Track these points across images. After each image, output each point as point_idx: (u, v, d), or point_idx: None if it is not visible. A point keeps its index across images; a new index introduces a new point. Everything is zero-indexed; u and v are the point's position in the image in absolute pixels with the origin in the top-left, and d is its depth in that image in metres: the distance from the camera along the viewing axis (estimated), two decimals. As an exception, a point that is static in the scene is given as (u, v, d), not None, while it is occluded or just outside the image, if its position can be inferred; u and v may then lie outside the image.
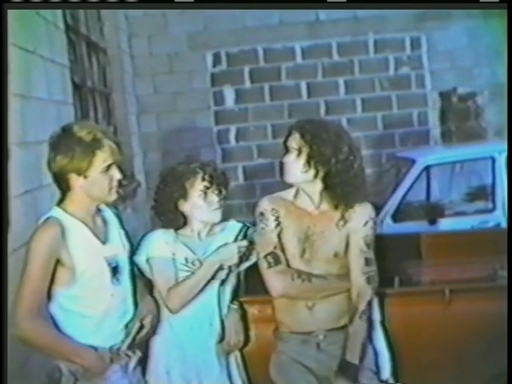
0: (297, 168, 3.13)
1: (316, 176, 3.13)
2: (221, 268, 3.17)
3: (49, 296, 2.85)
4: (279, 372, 3.26)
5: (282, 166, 3.21)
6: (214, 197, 3.21)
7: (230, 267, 3.20)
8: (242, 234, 3.23)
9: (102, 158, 2.82)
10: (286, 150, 3.17)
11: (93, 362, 2.84)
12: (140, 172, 8.57)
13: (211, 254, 3.18)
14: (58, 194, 2.94)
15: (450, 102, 8.99)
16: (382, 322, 3.34)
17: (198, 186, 3.20)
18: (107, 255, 2.90)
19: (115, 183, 2.89)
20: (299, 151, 3.11)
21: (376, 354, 3.29)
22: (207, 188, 3.19)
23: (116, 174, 2.88)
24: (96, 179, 2.83)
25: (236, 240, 3.22)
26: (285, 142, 3.18)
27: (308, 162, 3.10)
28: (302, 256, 3.21)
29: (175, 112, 8.97)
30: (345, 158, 3.10)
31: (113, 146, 2.85)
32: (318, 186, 3.17)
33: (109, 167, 2.85)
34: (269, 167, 8.60)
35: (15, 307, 2.76)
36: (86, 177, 2.82)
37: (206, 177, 3.19)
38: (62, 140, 2.83)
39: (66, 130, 2.86)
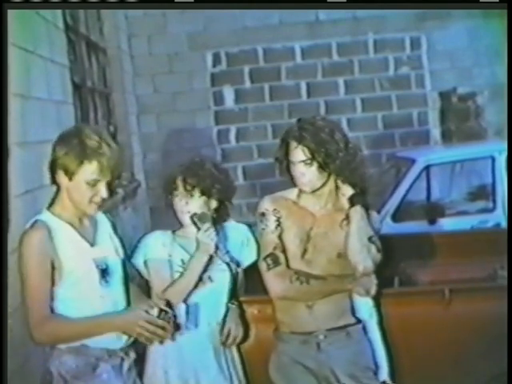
0: (310, 176, 3.13)
1: (329, 176, 3.15)
2: (211, 259, 3.16)
3: None
4: (279, 372, 3.27)
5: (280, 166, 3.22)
6: (186, 201, 3.20)
7: (217, 247, 3.14)
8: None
9: (88, 169, 2.76)
10: (288, 161, 3.16)
11: (123, 324, 2.84)
12: (140, 172, 8.57)
13: (195, 250, 3.16)
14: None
15: (450, 102, 8.99)
16: (380, 323, 3.34)
17: (178, 189, 3.21)
18: (95, 257, 2.86)
19: (99, 199, 2.82)
20: (307, 162, 3.11)
21: (374, 354, 3.30)
22: (187, 191, 3.19)
23: (102, 192, 2.81)
24: (79, 186, 2.79)
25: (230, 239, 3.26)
26: (285, 155, 3.17)
27: (321, 168, 3.11)
28: (303, 256, 3.21)
29: (175, 112, 8.96)
30: (345, 145, 3.12)
31: (105, 164, 2.77)
32: (329, 186, 3.18)
33: (97, 182, 2.79)
34: (269, 167, 8.56)
35: (26, 317, 2.75)
36: (71, 179, 2.79)
37: (188, 180, 3.19)
38: (70, 134, 2.83)
39: (78, 128, 2.87)
